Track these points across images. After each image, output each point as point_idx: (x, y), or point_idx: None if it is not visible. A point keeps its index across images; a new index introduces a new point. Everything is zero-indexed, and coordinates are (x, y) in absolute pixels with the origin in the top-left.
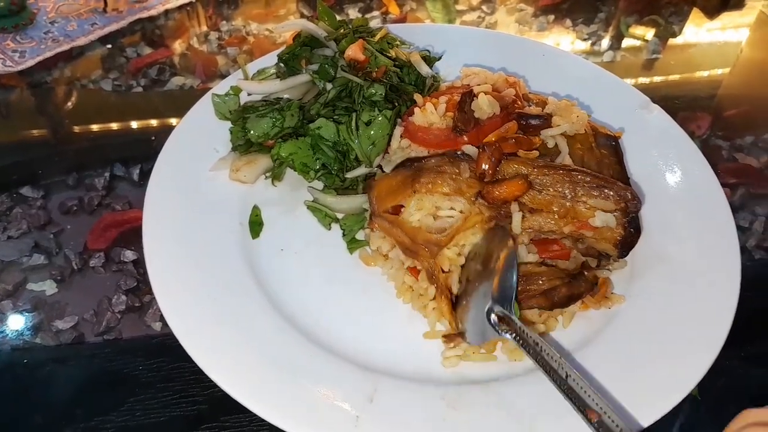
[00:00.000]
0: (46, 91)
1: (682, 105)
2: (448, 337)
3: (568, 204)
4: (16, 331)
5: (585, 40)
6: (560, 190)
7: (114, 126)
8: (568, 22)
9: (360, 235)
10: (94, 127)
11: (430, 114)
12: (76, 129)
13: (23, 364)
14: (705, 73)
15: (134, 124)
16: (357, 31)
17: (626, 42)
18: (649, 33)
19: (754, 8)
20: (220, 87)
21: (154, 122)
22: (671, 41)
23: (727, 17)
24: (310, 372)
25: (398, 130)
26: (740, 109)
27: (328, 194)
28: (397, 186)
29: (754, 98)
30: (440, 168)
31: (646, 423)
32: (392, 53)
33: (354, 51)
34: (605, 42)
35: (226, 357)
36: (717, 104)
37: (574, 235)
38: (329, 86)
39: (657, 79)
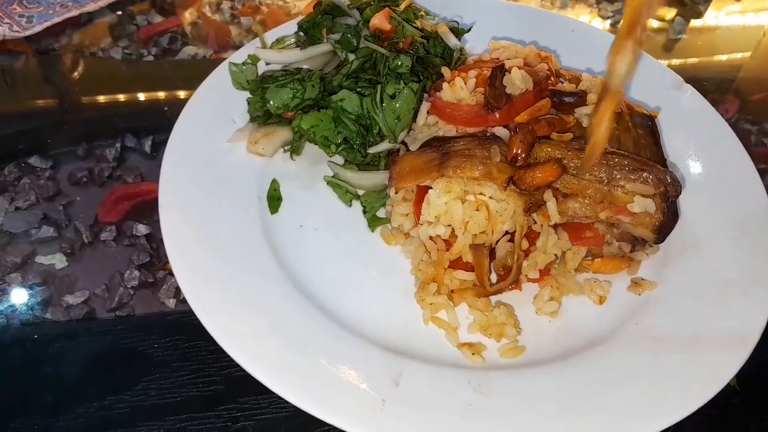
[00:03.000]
0: (53, 59)
1: (709, 88)
2: (471, 346)
3: (604, 188)
4: (26, 305)
5: (608, 18)
6: (596, 174)
7: (124, 96)
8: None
9: (381, 213)
10: (104, 97)
11: (459, 89)
12: (85, 98)
13: (33, 339)
14: (732, 56)
15: (145, 94)
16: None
17: (650, 21)
18: (671, 14)
19: None
20: (238, 55)
21: (166, 92)
22: (696, 22)
23: None
24: (334, 353)
25: (425, 106)
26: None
27: (348, 169)
28: (422, 166)
29: None
30: (470, 151)
31: (683, 413)
32: (418, 24)
33: (380, 20)
34: None
35: (247, 336)
36: (744, 88)
37: (610, 221)
38: (351, 57)
39: (682, 59)
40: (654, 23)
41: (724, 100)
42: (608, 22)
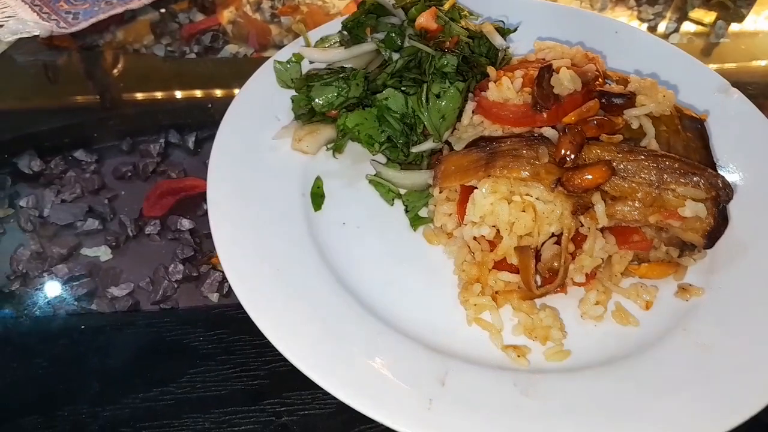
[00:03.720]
0: (98, 55)
1: (753, 92)
2: (516, 349)
3: (654, 192)
4: (72, 296)
5: (649, 20)
6: (646, 177)
7: (167, 92)
8: (632, 1)
9: (423, 212)
10: (148, 93)
11: (506, 89)
12: (129, 94)
13: (80, 330)
14: None
15: (188, 91)
16: None
17: (691, 25)
18: (709, 18)
19: None
20: (282, 54)
21: (208, 90)
22: (738, 25)
23: None
24: (381, 350)
25: (470, 106)
26: None
27: (391, 168)
28: (468, 165)
29: None
30: (517, 151)
31: (735, 422)
32: (463, 23)
33: (426, 19)
34: (670, 24)
35: (295, 331)
36: None
37: (659, 225)
38: (395, 56)
39: (725, 63)
40: (697, 25)
41: None
42: (648, 24)
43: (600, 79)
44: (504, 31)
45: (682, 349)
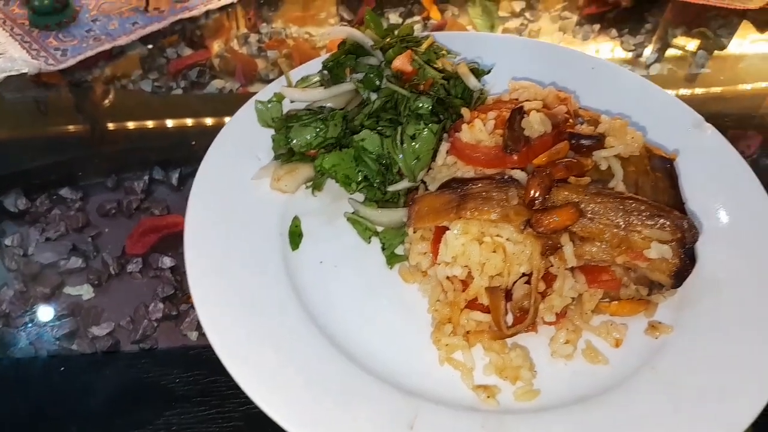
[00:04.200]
0: (86, 91)
1: (731, 123)
2: (486, 389)
3: (621, 233)
4: (53, 336)
5: (630, 51)
6: (613, 218)
7: (153, 128)
8: (614, 32)
9: (399, 250)
10: (134, 129)
11: (478, 131)
12: (116, 130)
13: (60, 371)
14: (754, 90)
15: (173, 127)
16: (403, 40)
17: (672, 54)
18: (691, 44)
19: None
20: (263, 93)
21: (193, 126)
22: (719, 54)
23: None
24: (351, 393)
25: (444, 146)
26: None
27: (368, 206)
28: (440, 207)
29: None
30: (487, 193)
31: None
32: (439, 64)
33: (402, 62)
34: (651, 54)
35: (264, 374)
36: (765, 122)
37: (627, 265)
38: (374, 96)
39: (704, 94)
40: (678, 55)
41: (746, 136)
42: (630, 53)
43: (570, 121)
44: (478, 72)
45: (650, 387)
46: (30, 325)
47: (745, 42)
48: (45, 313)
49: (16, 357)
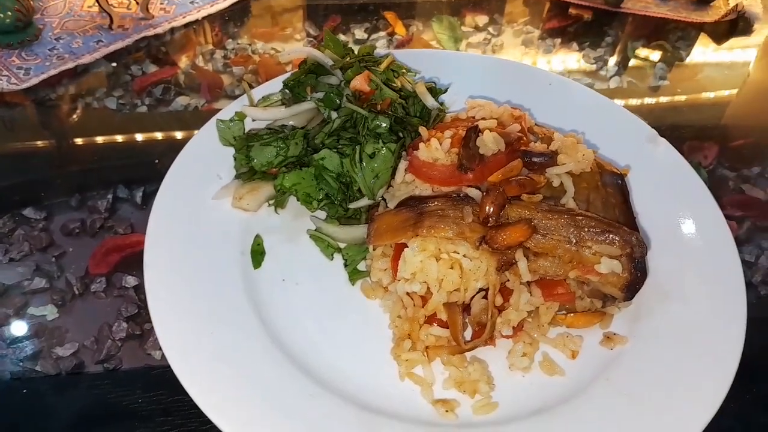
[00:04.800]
0: (50, 109)
1: (688, 134)
2: (444, 403)
3: (573, 249)
4: (17, 358)
5: (591, 63)
6: (565, 235)
7: (118, 146)
8: (575, 45)
9: (362, 266)
10: (98, 147)
11: (434, 150)
12: (80, 149)
13: (23, 393)
14: (712, 101)
15: (138, 145)
16: (363, 59)
17: (633, 66)
18: (654, 55)
19: (761, 33)
20: (225, 112)
21: (158, 143)
22: (678, 66)
23: (734, 42)
24: (311, 411)
25: (403, 164)
26: (747, 140)
27: (330, 224)
28: (398, 225)
29: (761, 128)
30: (443, 211)
31: None
32: (398, 83)
33: (360, 82)
34: (612, 66)
35: (224, 394)
36: (724, 134)
37: (580, 279)
38: (334, 115)
39: (663, 105)
40: (639, 67)
41: (703, 147)
42: (593, 67)
43: (524, 138)
44: (436, 92)
45: (605, 398)
46: None
47: (703, 54)
48: (8, 334)
49: None
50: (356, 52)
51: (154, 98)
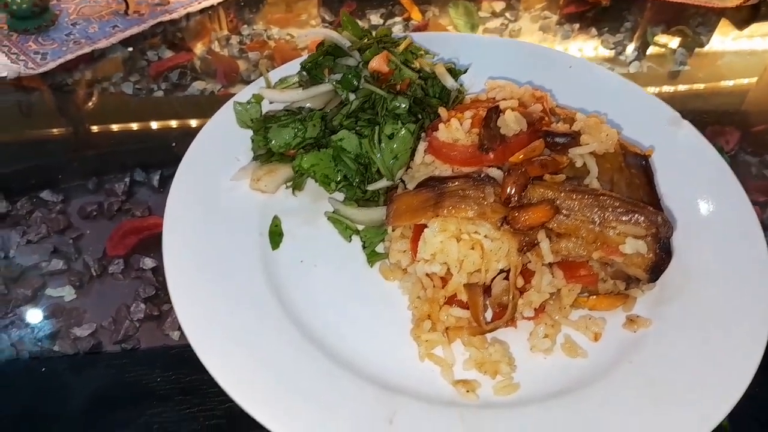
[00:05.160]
0: (66, 94)
1: (710, 119)
2: (465, 384)
3: (596, 229)
4: (35, 337)
5: (610, 49)
6: (588, 215)
7: (135, 130)
8: (594, 31)
9: (380, 248)
10: (115, 131)
11: (455, 130)
12: (97, 133)
13: (41, 372)
14: (733, 87)
15: (155, 129)
16: (381, 41)
17: (652, 52)
18: (671, 42)
19: None
20: (242, 95)
21: (174, 127)
22: (698, 52)
23: (756, 28)
24: (330, 391)
25: (422, 146)
26: None
27: (349, 206)
28: (418, 205)
29: None
30: (464, 192)
31: None
32: (416, 64)
33: (378, 63)
34: (631, 52)
35: (244, 373)
36: (745, 119)
37: (603, 261)
38: (352, 97)
39: (684, 91)
40: (658, 53)
41: (725, 132)
42: (610, 53)
43: (546, 119)
44: (455, 72)
45: (628, 381)
46: (11, 326)
47: (724, 39)
48: (27, 314)
49: None
50: (374, 35)
51: (170, 83)
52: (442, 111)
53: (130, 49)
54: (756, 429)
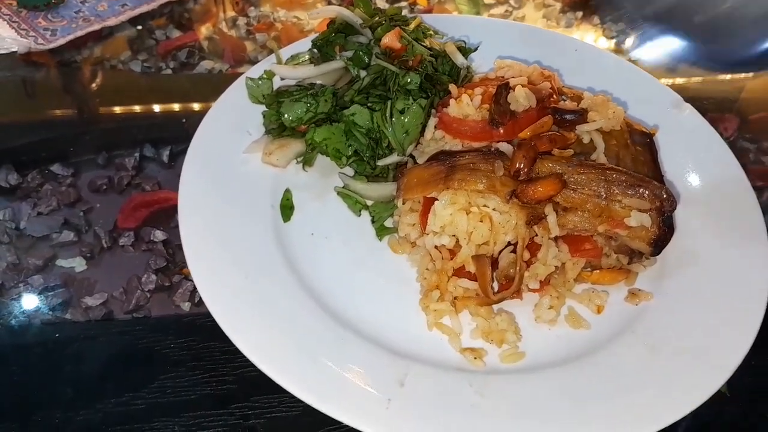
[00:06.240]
0: (75, 70)
1: (710, 106)
2: (473, 351)
3: (602, 203)
4: (47, 305)
5: (612, 38)
6: (595, 189)
7: (143, 107)
8: (596, 19)
9: (389, 222)
10: (124, 108)
11: (465, 106)
12: (105, 109)
13: (55, 338)
14: (733, 75)
15: (164, 106)
16: (392, 19)
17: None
18: None
19: None
20: (254, 71)
21: (183, 105)
22: None
23: None
24: (343, 354)
25: (432, 121)
26: (767, 113)
27: (358, 181)
28: (429, 178)
29: None
30: (474, 165)
31: (674, 418)
32: (427, 42)
33: (391, 39)
34: (632, 40)
35: (261, 338)
36: (744, 106)
37: (608, 234)
38: (363, 73)
39: (685, 79)
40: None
41: (724, 119)
42: (613, 41)
43: (554, 96)
44: (465, 51)
45: (630, 350)
46: (23, 295)
47: None
48: (38, 283)
49: (10, 325)
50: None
51: (178, 62)
52: (453, 88)
53: (139, 27)
54: (754, 395)
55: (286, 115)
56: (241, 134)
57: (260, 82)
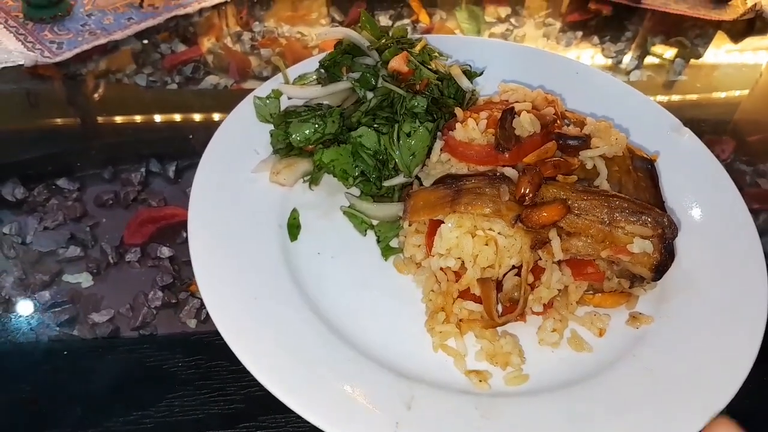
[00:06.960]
0: (81, 84)
1: (706, 128)
2: (478, 374)
3: (606, 229)
4: (54, 322)
5: (611, 57)
6: (598, 215)
7: (150, 122)
8: (595, 39)
9: (394, 242)
10: (130, 122)
11: (471, 130)
12: (112, 123)
13: (62, 355)
14: (729, 97)
15: (169, 121)
16: (399, 41)
17: (651, 62)
18: (669, 52)
19: None
20: (262, 90)
21: (189, 120)
22: (695, 63)
23: (750, 41)
24: (351, 376)
25: (438, 144)
26: (763, 135)
27: (364, 201)
28: (435, 201)
29: None
30: (480, 189)
31: None
32: (433, 65)
33: (398, 63)
34: (631, 61)
35: (269, 357)
36: (740, 128)
37: (610, 259)
38: (370, 95)
39: (682, 100)
40: (657, 62)
41: (721, 141)
42: (611, 60)
43: (558, 122)
44: (471, 74)
45: (630, 373)
46: (30, 310)
47: (720, 51)
48: (44, 299)
49: (17, 341)
50: (390, 35)
51: (183, 76)
52: (459, 111)
53: (145, 41)
54: (753, 420)
55: (294, 136)
56: (249, 153)
57: (268, 101)
